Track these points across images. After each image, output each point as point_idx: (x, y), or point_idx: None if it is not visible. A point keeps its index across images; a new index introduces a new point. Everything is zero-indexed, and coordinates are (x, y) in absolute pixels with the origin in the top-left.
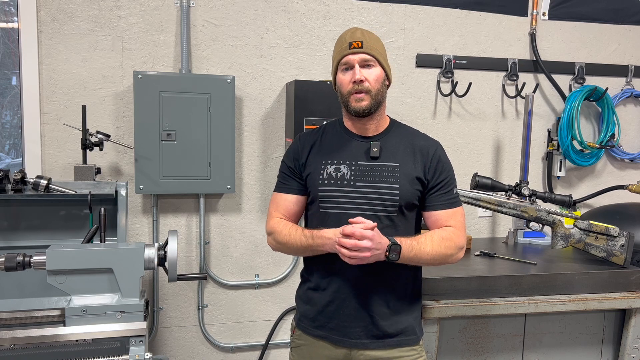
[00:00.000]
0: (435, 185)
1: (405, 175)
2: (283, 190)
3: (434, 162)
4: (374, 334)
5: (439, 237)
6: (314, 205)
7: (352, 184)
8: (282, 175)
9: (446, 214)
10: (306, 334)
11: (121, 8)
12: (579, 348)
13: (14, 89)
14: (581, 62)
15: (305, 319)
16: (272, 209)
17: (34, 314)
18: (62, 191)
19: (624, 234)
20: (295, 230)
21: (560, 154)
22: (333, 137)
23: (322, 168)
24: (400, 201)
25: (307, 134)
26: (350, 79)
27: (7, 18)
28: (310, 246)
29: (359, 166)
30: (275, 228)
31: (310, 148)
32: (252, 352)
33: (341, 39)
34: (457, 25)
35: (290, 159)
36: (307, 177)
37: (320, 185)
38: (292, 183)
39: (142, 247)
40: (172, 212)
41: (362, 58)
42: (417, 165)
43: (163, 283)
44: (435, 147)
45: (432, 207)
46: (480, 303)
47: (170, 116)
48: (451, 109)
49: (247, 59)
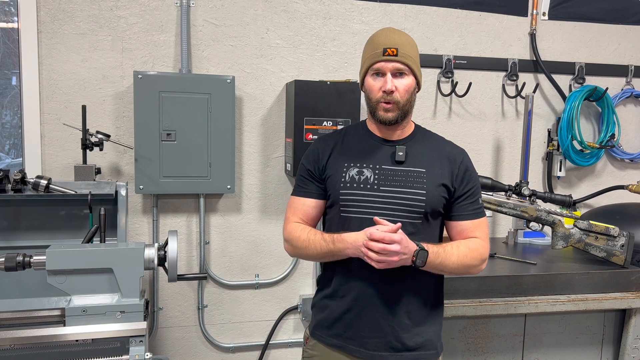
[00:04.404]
0: (462, 195)
1: (432, 181)
2: (301, 194)
3: (462, 170)
4: (393, 346)
5: (466, 247)
6: (333, 209)
7: (376, 188)
8: (301, 178)
9: (472, 224)
10: (321, 343)
11: (121, 8)
12: (579, 348)
13: (14, 89)
14: (581, 62)
15: (321, 327)
16: (290, 213)
17: (34, 314)
18: (62, 191)
19: (624, 234)
20: (315, 234)
21: (560, 154)
22: (356, 139)
23: (344, 171)
24: (426, 207)
25: (327, 137)
26: (380, 86)
27: (7, 18)
28: (330, 251)
29: (384, 170)
30: (293, 233)
31: (332, 150)
32: (252, 352)
33: (375, 41)
34: (457, 25)
35: (309, 161)
36: (327, 180)
37: (341, 188)
38: (311, 187)
39: (142, 247)
40: (172, 212)
41: (395, 67)
42: (443, 171)
43: (163, 283)
44: (463, 154)
45: (458, 216)
46: (480, 303)
47: (170, 116)
48: (451, 109)
49: (247, 59)
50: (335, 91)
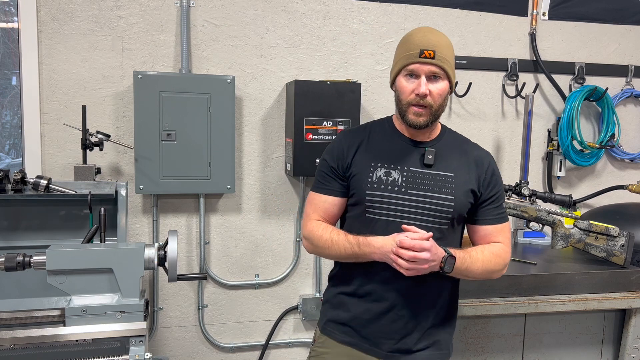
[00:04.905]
0: (487, 199)
1: (460, 186)
2: (323, 192)
3: (489, 175)
4: (408, 347)
5: (490, 252)
6: (356, 208)
7: (404, 191)
8: (322, 174)
9: (495, 229)
10: (331, 339)
11: (121, 8)
12: (579, 348)
13: (14, 89)
14: (581, 62)
15: (334, 323)
16: (310, 209)
17: (34, 314)
18: (62, 191)
19: (624, 234)
20: (338, 235)
21: (560, 154)
22: (382, 137)
23: (370, 170)
24: (454, 213)
25: (352, 132)
26: (413, 89)
27: (7, 18)
28: (355, 254)
29: (412, 172)
30: (315, 232)
31: (357, 147)
32: (252, 352)
33: (411, 41)
34: (457, 25)
35: (333, 157)
36: (352, 178)
37: (368, 189)
38: (334, 184)
39: (142, 247)
40: (172, 212)
41: (431, 70)
42: (471, 176)
43: (163, 283)
44: (489, 158)
45: (482, 220)
46: (480, 303)
47: (170, 116)
48: (451, 109)
49: (247, 59)
50: (335, 91)
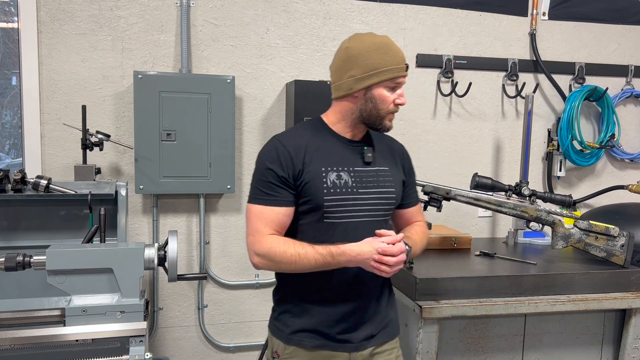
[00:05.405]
0: (409, 185)
1: (395, 178)
2: (275, 203)
3: (408, 163)
4: (371, 334)
5: (422, 232)
6: (312, 215)
7: (355, 191)
8: (268, 185)
9: (416, 209)
10: (301, 348)
11: (121, 8)
12: (579, 348)
13: (14, 89)
14: (581, 62)
15: (301, 332)
16: (260, 224)
17: (34, 314)
18: (62, 191)
19: (624, 234)
20: (303, 248)
21: (560, 154)
22: (323, 140)
23: (323, 175)
24: (395, 204)
25: (288, 137)
26: (394, 99)
27: (7, 18)
28: (327, 264)
29: (357, 172)
30: (276, 249)
31: (304, 153)
32: (252, 352)
33: (394, 55)
34: (457, 25)
35: (280, 166)
36: (304, 185)
37: (325, 194)
38: (284, 194)
39: (142, 247)
40: (172, 212)
41: None
42: (399, 167)
43: (163, 283)
44: (403, 147)
45: (407, 204)
46: (480, 303)
47: (170, 116)
48: (451, 109)
49: (247, 59)
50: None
